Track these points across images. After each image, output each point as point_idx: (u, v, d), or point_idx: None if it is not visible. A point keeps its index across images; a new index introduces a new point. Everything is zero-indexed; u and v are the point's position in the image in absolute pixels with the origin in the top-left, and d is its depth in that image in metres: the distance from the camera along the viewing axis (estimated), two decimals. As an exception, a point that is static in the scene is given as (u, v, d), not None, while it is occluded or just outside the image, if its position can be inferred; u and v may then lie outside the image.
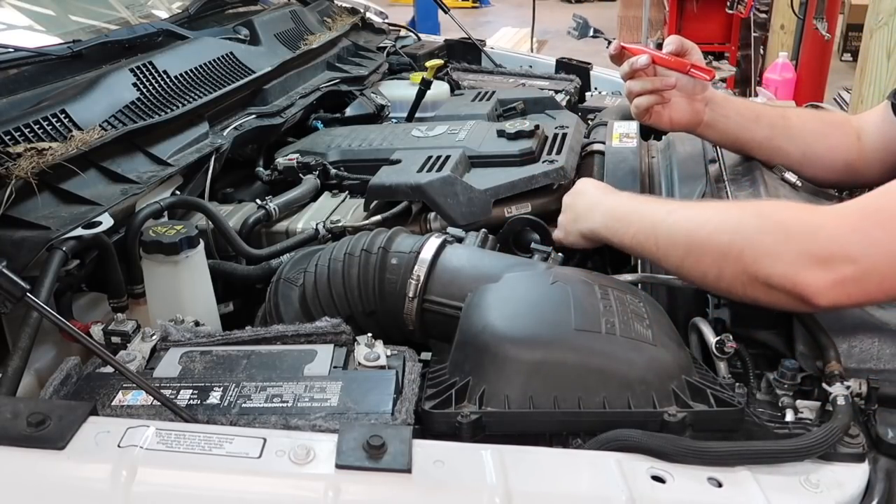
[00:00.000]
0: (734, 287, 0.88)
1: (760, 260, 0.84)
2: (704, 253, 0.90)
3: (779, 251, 0.83)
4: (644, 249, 1.00)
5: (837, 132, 1.25)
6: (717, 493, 0.69)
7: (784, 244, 0.83)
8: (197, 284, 1.12)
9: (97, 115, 1.24)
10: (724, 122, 1.26)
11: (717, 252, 0.89)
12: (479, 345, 0.84)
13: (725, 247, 0.88)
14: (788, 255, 0.83)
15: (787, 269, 0.83)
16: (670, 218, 0.96)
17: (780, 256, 0.83)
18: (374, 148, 1.55)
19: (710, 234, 0.90)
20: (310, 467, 0.68)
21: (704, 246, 0.90)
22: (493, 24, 9.22)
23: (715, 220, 0.92)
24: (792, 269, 0.82)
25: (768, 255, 0.84)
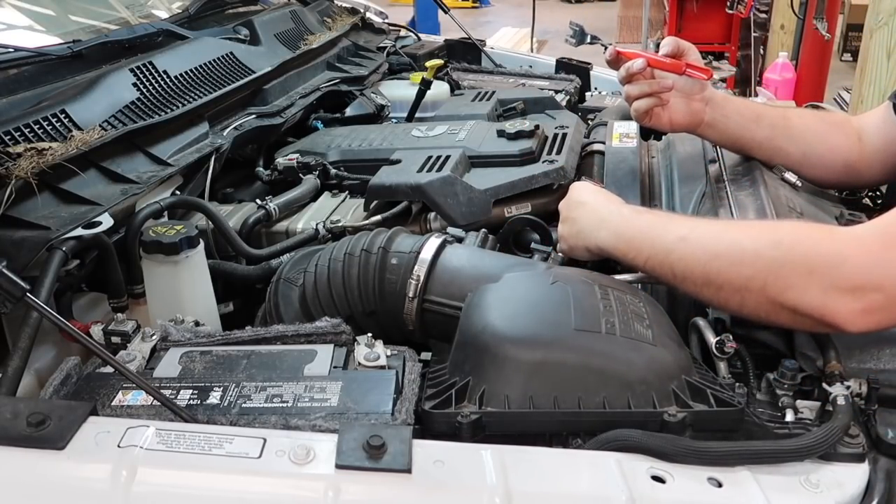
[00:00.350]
0: (758, 313, 0.88)
1: (785, 293, 0.83)
2: (724, 285, 0.88)
3: (804, 284, 0.82)
4: (659, 276, 0.97)
5: (838, 132, 1.25)
6: (717, 493, 0.69)
7: (808, 277, 0.82)
8: (197, 284, 1.12)
9: (97, 115, 1.24)
10: (724, 122, 1.26)
11: (738, 284, 0.87)
12: (479, 345, 0.84)
13: (746, 280, 0.86)
14: (815, 289, 0.82)
15: (813, 300, 0.82)
16: (683, 246, 0.93)
17: (806, 289, 0.82)
18: (374, 148, 1.55)
19: (729, 266, 0.88)
20: (310, 467, 0.68)
21: (723, 278, 0.88)
22: (493, 24, 9.22)
23: (732, 251, 0.89)
24: (820, 301, 0.81)
25: (793, 288, 0.83)
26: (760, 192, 1.13)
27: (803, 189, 1.22)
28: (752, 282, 0.85)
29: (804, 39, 4.50)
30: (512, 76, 2.21)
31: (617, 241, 1.02)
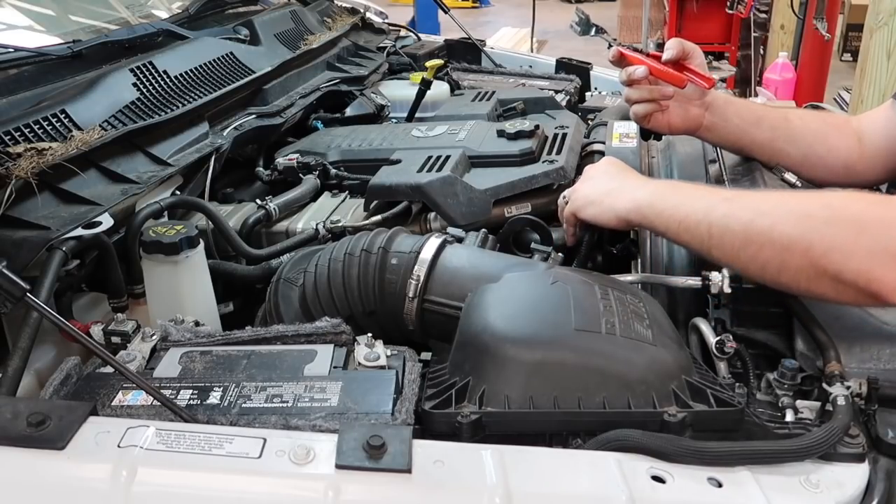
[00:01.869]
0: (797, 281, 0.84)
1: (831, 254, 0.79)
2: (766, 244, 0.84)
3: (852, 246, 0.78)
4: (692, 237, 0.91)
5: (838, 133, 1.25)
6: (717, 493, 0.69)
7: (857, 238, 0.78)
8: (197, 284, 1.12)
9: (97, 115, 1.24)
10: (723, 125, 1.26)
11: (781, 244, 0.82)
12: (479, 345, 0.84)
13: (791, 239, 0.82)
14: (862, 251, 0.78)
15: (860, 264, 0.78)
16: (727, 205, 0.88)
17: (853, 252, 0.78)
18: (374, 148, 1.55)
19: (774, 224, 0.83)
20: (310, 467, 0.68)
21: (766, 236, 0.83)
22: (493, 24, 9.22)
23: (779, 211, 0.84)
24: (866, 265, 0.78)
25: (840, 250, 0.79)
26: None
27: (803, 189, 1.22)
28: (796, 243, 0.81)
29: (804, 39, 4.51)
30: (512, 76, 2.21)
31: (654, 198, 0.97)
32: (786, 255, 0.82)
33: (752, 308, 0.94)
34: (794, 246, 0.81)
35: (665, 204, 0.95)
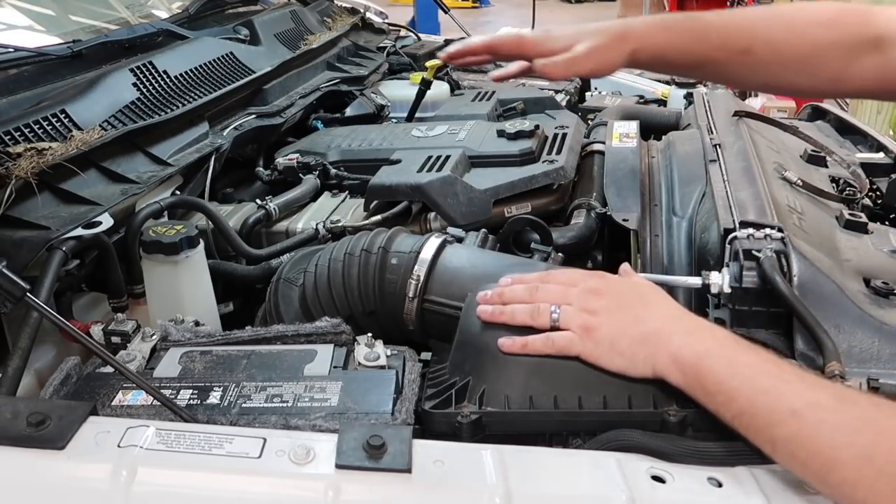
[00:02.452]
0: None
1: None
2: (826, 481, 0.67)
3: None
4: (747, 434, 0.71)
5: (837, 50, 0.99)
6: (717, 493, 0.69)
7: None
8: (197, 284, 1.12)
9: (97, 115, 1.24)
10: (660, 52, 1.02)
11: (841, 482, 0.66)
12: (480, 345, 0.84)
13: (852, 484, 0.65)
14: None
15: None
16: (795, 424, 0.68)
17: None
18: (374, 148, 1.55)
19: (840, 465, 0.66)
20: (310, 467, 0.68)
21: (829, 475, 0.67)
22: (493, 24, 9.22)
23: (849, 452, 0.66)
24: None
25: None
26: (760, 192, 1.13)
27: (803, 188, 1.22)
28: (857, 487, 0.65)
29: (804, 39, 4.50)
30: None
31: (701, 368, 0.74)
32: (849, 490, 0.66)
33: (752, 308, 0.93)
34: (859, 487, 0.65)
35: (718, 387, 0.73)
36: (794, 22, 0.99)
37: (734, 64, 0.99)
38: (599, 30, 1.00)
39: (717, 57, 0.99)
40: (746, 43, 0.98)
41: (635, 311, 0.81)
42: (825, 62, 0.98)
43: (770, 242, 0.95)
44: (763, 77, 1.02)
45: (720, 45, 0.98)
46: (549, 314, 0.81)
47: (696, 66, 1.02)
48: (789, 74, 1.00)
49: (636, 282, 0.88)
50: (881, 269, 1.06)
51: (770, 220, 1.01)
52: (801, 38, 0.98)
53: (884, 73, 0.97)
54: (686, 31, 0.99)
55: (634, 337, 0.78)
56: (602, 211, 1.30)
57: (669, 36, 0.98)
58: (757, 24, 0.99)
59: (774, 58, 0.99)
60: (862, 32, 0.97)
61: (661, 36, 0.98)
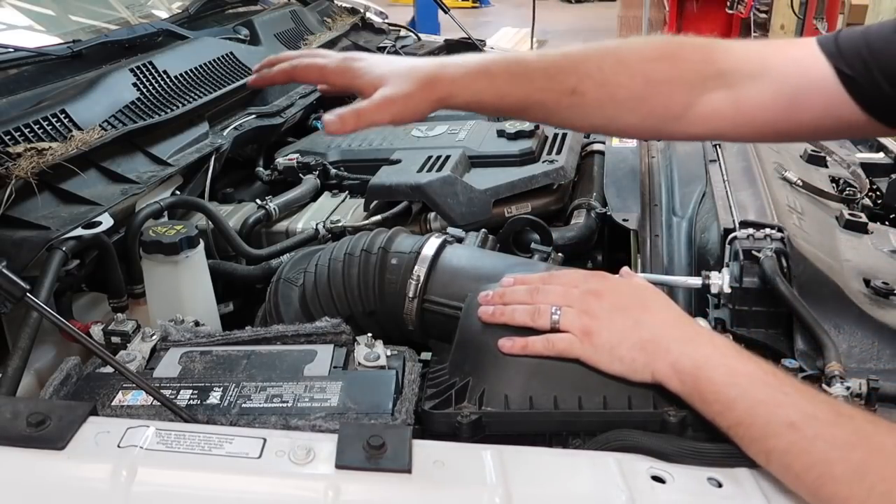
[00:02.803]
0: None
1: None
2: (818, 494, 0.67)
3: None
4: (742, 443, 0.71)
5: (663, 90, 0.92)
6: (717, 493, 0.69)
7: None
8: (197, 284, 1.12)
9: (97, 115, 1.24)
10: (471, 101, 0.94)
11: (833, 493, 0.66)
12: (479, 345, 0.84)
13: (845, 492, 0.66)
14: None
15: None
16: (792, 436, 0.68)
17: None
18: (374, 148, 1.55)
19: (834, 479, 0.66)
20: (310, 467, 0.68)
21: (823, 487, 0.66)
22: (493, 24, 9.23)
23: (843, 467, 0.66)
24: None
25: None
26: (760, 192, 1.13)
27: (803, 188, 1.22)
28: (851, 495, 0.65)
29: (804, 39, 4.50)
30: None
31: (699, 377, 0.74)
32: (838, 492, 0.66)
33: (752, 308, 0.93)
34: (849, 503, 0.65)
35: (715, 397, 0.73)
36: (625, 58, 0.92)
37: (563, 106, 0.92)
38: (408, 72, 0.91)
39: (542, 99, 0.92)
40: (573, 83, 0.90)
41: (635, 316, 0.80)
42: (663, 100, 0.91)
43: (770, 242, 0.95)
44: (597, 119, 0.94)
45: (545, 87, 0.91)
46: (549, 316, 0.81)
47: (521, 110, 0.94)
48: (624, 114, 0.92)
49: (637, 284, 0.87)
50: (881, 269, 1.06)
51: (770, 220, 1.01)
52: (632, 76, 0.91)
53: (735, 110, 0.90)
54: (505, 74, 0.91)
55: (634, 343, 0.78)
56: (602, 211, 1.30)
57: (486, 80, 0.91)
58: (585, 63, 0.92)
59: (606, 97, 0.91)
60: (704, 69, 0.91)
61: (477, 81, 0.91)
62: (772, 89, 0.88)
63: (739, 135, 0.95)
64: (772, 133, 0.94)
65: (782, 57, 0.90)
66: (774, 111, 0.89)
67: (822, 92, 0.86)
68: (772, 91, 0.88)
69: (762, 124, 0.90)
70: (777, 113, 0.89)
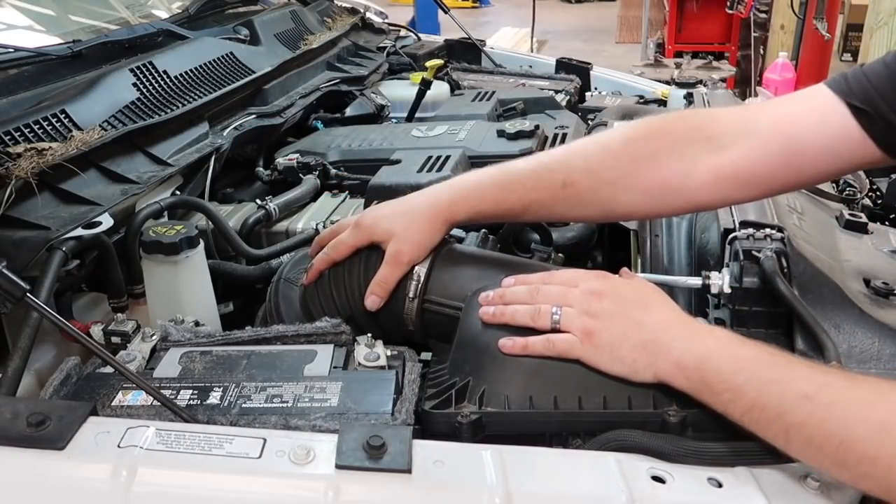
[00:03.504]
0: (873, 489, 0.67)
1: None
2: (846, 460, 0.66)
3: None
4: (760, 431, 0.70)
5: (652, 165, 0.94)
6: (717, 493, 0.69)
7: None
8: (197, 284, 1.12)
9: (97, 115, 1.24)
10: None
11: (865, 460, 0.65)
12: (480, 345, 0.84)
13: (874, 459, 0.65)
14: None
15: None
16: (808, 407, 0.67)
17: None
18: (374, 148, 1.55)
19: (861, 441, 0.65)
20: (310, 467, 0.68)
21: (850, 454, 0.66)
22: (493, 24, 9.23)
23: (868, 427, 0.65)
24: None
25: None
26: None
27: (803, 188, 1.22)
28: (880, 460, 0.64)
29: (804, 39, 4.51)
30: (512, 76, 2.21)
31: (704, 370, 0.73)
32: (868, 468, 0.66)
33: (752, 308, 0.93)
34: (878, 462, 0.65)
35: (724, 385, 0.72)
36: (607, 144, 0.96)
37: (558, 199, 0.94)
38: (410, 219, 0.95)
39: (537, 198, 0.95)
40: (562, 177, 0.93)
41: (636, 316, 0.80)
42: (655, 174, 0.93)
43: (770, 242, 0.95)
44: (595, 206, 0.96)
45: (536, 187, 0.94)
46: (549, 316, 0.81)
47: (521, 213, 0.97)
48: (620, 195, 0.94)
49: (637, 284, 0.86)
50: (881, 269, 1.06)
51: (770, 220, 1.01)
52: (617, 157, 0.93)
53: (733, 172, 0.91)
54: (494, 187, 0.95)
55: (635, 343, 0.78)
56: (602, 211, 1.30)
57: (478, 196, 0.95)
58: (570, 157, 0.96)
59: (597, 183, 0.93)
60: (692, 136, 0.93)
61: (470, 199, 0.95)
62: (760, 143, 0.90)
63: (749, 194, 0.96)
64: (780, 185, 0.95)
65: (769, 112, 0.93)
66: (770, 165, 0.90)
67: (823, 133, 0.88)
68: (761, 145, 0.90)
69: (766, 179, 0.92)
70: (775, 166, 0.90)
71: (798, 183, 0.97)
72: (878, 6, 3.30)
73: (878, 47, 3.26)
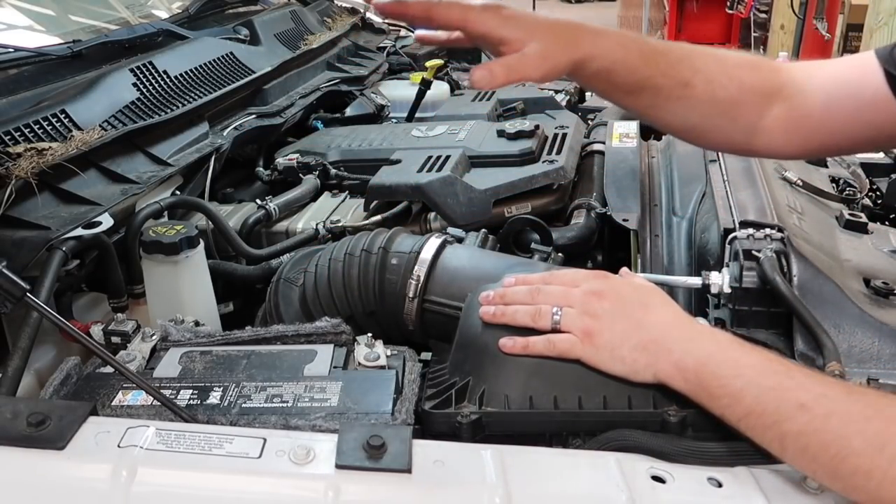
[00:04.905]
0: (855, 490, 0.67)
1: None
2: (839, 472, 0.66)
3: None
4: (755, 436, 0.71)
5: (753, 99, 0.96)
6: (717, 493, 0.69)
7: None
8: (197, 284, 1.12)
9: (97, 115, 1.24)
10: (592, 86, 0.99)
11: (858, 471, 0.65)
12: (480, 345, 0.84)
13: (868, 472, 0.65)
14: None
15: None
16: (804, 417, 0.68)
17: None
18: (374, 148, 1.55)
19: (855, 454, 0.65)
20: (310, 467, 0.68)
21: (843, 465, 0.66)
22: (492, 24, 9.21)
23: (861, 441, 0.65)
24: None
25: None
26: (760, 191, 1.13)
27: (803, 188, 1.22)
28: (873, 476, 0.65)
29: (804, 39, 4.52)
30: (512, 76, 2.21)
31: (704, 373, 0.74)
32: (861, 480, 0.66)
33: (752, 308, 0.93)
34: (872, 475, 0.65)
35: (722, 390, 0.72)
36: (725, 61, 0.96)
37: (673, 97, 0.94)
38: (553, 27, 0.89)
39: (660, 84, 0.93)
40: (688, 75, 0.93)
41: (637, 316, 0.80)
42: (747, 110, 0.95)
43: (770, 242, 0.95)
44: (695, 118, 0.96)
45: (666, 73, 0.93)
46: (550, 316, 0.81)
47: (635, 91, 0.94)
48: (716, 117, 0.96)
49: (638, 284, 0.86)
50: (881, 269, 1.06)
51: (770, 220, 1.01)
52: (731, 78, 0.95)
53: (787, 122, 0.94)
54: (637, 51, 0.92)
55: (635, 344, 0.78)
56: (602, 211, 1.30)
57: (622, 51, 0.91)
58: (696, 58, 0.95)
59: (708, 95, 0.94)
60: (773, 79, 0.96)
61: (615, 50, 0.90)
62: (819, 99, 0.93)
63: (795, 149, 0.99)
64: (817, 145, 0.98)
65: (830, 69, 0.96)
66: (822, 120, 0.93)
67: (872, 98, 0.90)
68: (820, 100, 0.93)
69: (805, 134, 0.95)
70: (816, 121, 0.93)
71: (833, 146, 1.00)
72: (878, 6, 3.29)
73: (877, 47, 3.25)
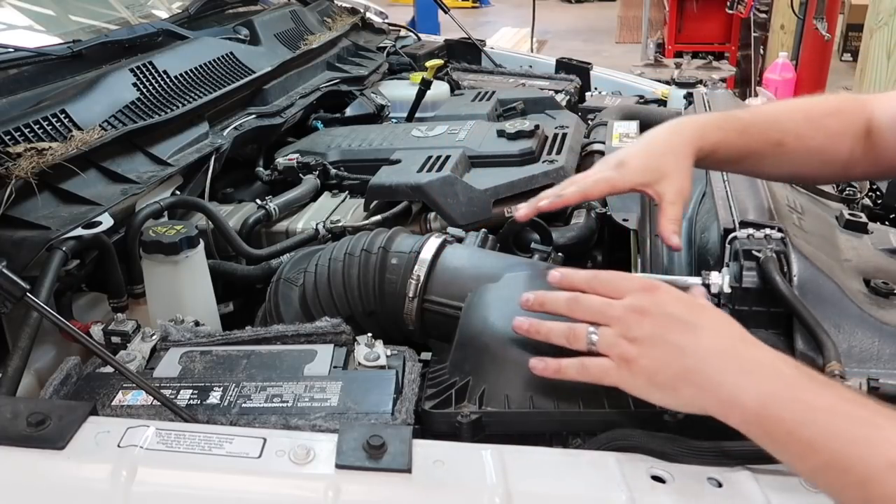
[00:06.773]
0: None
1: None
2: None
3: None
4: (834, 494, 0.63)
5: (841, 139, 1.04)
6: (717, 493, 0.69)
7: None
8: (197, 284, 1.12)
9: (97, 115, 1.24)
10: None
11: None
12: (479, 345, 0.84)
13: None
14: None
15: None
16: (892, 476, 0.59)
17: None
18: (374, 148, 1.55)
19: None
20: (310, 467, 0.68)
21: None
22: (493, 24, 9.22)
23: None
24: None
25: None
26: (760, 191, 1.13)
27: (803, 188, 1.22)
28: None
29: (804, 39, 4.51)
30: (512, 76, 2.21)
31: (766, 417, 0.66)
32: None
33: (752, 308, 0.93)
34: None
35: (789, 437, 0.64)
36: (811, 114, 1.05)
37: (770, 156, 1.04)
38: (671, 151, 0.98)
39: (756, 150, 1.03)
40: (779, 136, 1.03)
41: (681, 341, 0.72)
42: (837, 151, 1.04)
43: (770, 242, 0.95)
44: (791, 168, 1.06)
45: (759, 139, 1.03)
46: (585, 339, 0.75)
47: (738, 160, 1.04)
48: (812, 164, 1.06)
49: (689, 301, 0.77)
50: (881, 269, 1.06)
51: (770, 220, 1.01)
52: (818, 129, 1.04)
53: (874, 157, 1.04)
54: (732, 129, 1.02)
55: (675, 372, 0.71)
56: (602, 211, 1.30)
57: (721, 134, 1.01)
58: (783, 118, 1.05)
59: (801, 148, 1.03)
60: (859, 120, 1.05)
61: (715, 135, 1.01)
62: None
63: (885, 170, 1.10)
64: (860, 171, 1.10)
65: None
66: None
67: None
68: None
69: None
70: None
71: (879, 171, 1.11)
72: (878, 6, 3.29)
73: (878, 47, 3.25)
